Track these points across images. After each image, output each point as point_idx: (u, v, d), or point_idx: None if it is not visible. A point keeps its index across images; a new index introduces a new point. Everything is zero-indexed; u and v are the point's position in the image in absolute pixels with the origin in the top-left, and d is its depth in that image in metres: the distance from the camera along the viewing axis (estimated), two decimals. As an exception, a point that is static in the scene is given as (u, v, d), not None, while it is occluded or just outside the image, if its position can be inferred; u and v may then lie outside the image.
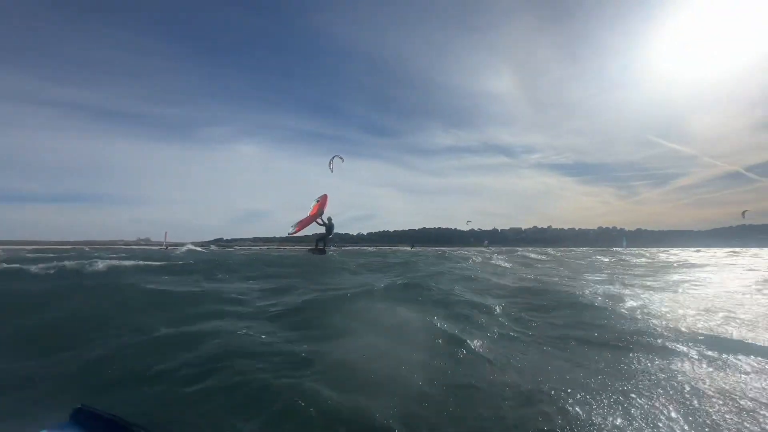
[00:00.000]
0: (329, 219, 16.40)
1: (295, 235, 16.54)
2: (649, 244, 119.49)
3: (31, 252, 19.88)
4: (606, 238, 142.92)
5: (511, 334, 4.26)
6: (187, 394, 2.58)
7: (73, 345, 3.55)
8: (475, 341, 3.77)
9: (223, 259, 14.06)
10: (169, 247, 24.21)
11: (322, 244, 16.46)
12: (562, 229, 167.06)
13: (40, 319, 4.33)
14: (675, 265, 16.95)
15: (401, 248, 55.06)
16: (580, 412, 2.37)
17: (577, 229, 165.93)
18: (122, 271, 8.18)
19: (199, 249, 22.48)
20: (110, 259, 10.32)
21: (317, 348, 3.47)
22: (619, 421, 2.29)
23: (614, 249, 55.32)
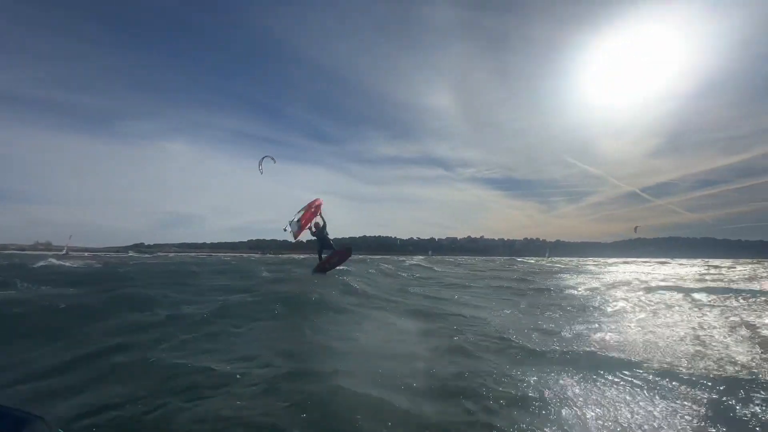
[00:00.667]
0: (318, 224, 12.48)
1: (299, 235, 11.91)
2: (566, 254, 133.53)
3: None
4: (531, 248, 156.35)
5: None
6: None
7: None
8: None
9: (135, 271, 12.75)
10: (70, 253, 21.48)
11: (334, 261, 12.22)
12: (493, 239, 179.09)
13: None
14: (555, 270, 19.46)
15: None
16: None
17: (506, 239, 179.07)
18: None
19: (64, 263, 16.02)
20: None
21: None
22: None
23: (516, 260, 60.96)
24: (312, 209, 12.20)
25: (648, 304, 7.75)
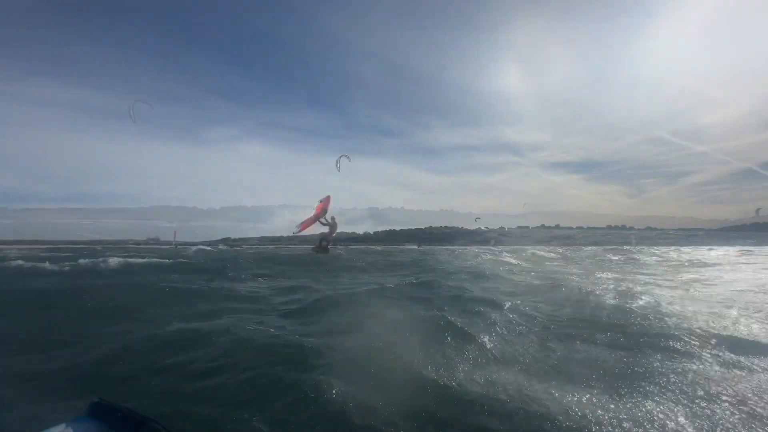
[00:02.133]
0: (332, 218, 16.87)
1: (300, 234, 17.05)
2: (659, 242, 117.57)
3: (45, 251, 20.27)
4: (615, 236, 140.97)
5: (521, 331, 4.26)
6: (198, 388, 2.64)
7: (88, 340, 3.64)
8: (484, 338, 3.78)
9: (232, 257, 14.22)
10: (179, 246, 24.46)
11: (326, 242, 16.91)
12: (570, 227, 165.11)
13: (57, 314, 4.45)
14: (686, 264, 16.69)
15: (408, 247, 54.90)
16: (589, 413, 2.38)
17: (585, 227, 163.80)
18: (134, 269, 8.35)
19: (208, 248, 22.74)
20: (122, 257, 10.50)
21: (327, 343, 3.51)
22: (627, 422, 2.30)
23: (625, 247, 54.50)
24: (318, 210, 16.31)
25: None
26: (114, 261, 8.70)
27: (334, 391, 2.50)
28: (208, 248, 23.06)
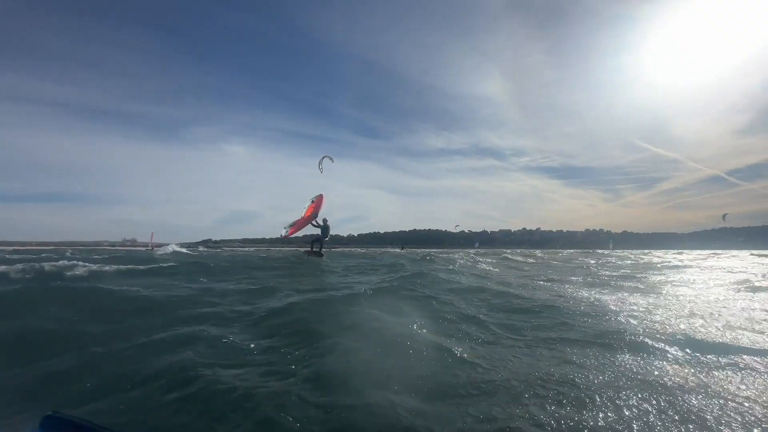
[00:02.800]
0: (324, 220, 15.51)
1: (289, 236, 15.55)
2: (634, 246, 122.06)
3: (10, 253, 19.30)
4: (593, 240, 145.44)
5: (494, 335, 4.29)
6: (166, 401, 2.53)
7: (48, 352, 3.45)
8: (459, 343, 3.77)
9: (209, 261, 13.87)
10: (155, 248, 23.75)
11: (318, 246, 15.74)
12: (551, 231, 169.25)
13: (15, 324, 4.19)
14: (658, 266, 17.36)
15: (391, 250, 55.12)
16: (563, 411, 2.39)
17: (564, 231, 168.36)
18: (102, 276, 7.99)
19: (184, 251, 22.13)
20: (91, 262, 10.07)
21: (301, 353, 3.43)
22: (599, 420, 2.32)
23: (599, 251, 56.43)
24: (309, 212, 15.40)
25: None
26: (83, 267, 8.31)
27: (310, 405, 2.44)
28: (185, 251, 22.44)
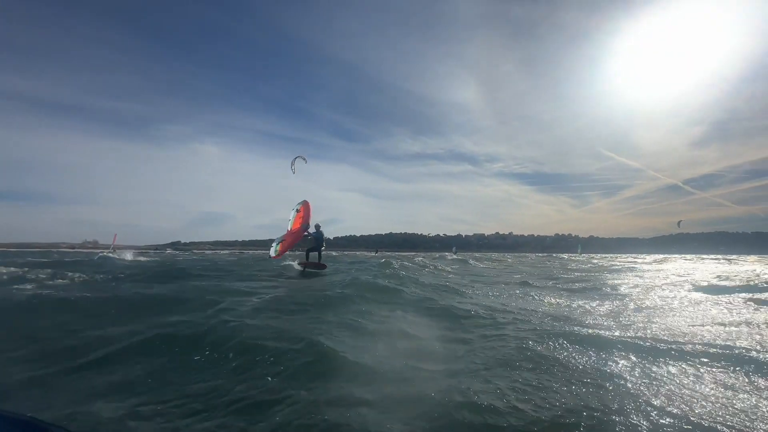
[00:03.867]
0: (317, 226, 13.48)
1: (280, 256, 13.43)
2: (600, 251, 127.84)
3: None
4: (562, 244, 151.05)
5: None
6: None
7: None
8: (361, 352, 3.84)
9: (172, 266, 13.34)
10: (117, 251, 22.62)
11: (317, 256, 13.46)
12: (522, 235, 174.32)
13: None
14: (611, 268, 18.33)
15: (366, 253, 55.11)
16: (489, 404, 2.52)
17: (535, 235, 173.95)
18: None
19: (142, 258, 20.91)
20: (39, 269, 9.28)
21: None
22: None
23: (564, 256, 58.64)
24: (298, 224, 13.80)
25: (700, 305, 7.02)
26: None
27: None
28: (148, 255, 21.42)
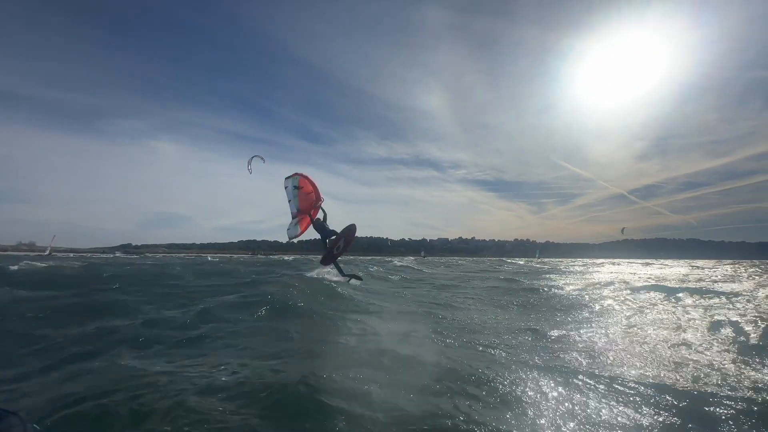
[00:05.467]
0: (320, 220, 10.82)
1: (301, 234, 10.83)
2: (556, 255, 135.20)
3: None
4: (521, 249, 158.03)
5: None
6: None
7: None
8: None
9: (114, 274, 12.47)
10: (54, 254, 20.96)
11: (339, 250, 10.47)
12: (484, 240, 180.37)
13: None
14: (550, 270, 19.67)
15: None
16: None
17: (496, 240, 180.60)
18: None
19: (42, 264, 15.81)
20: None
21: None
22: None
23: (519, 261, 61.57)
24: (309, 190, 10.70)
25: (628, 303, 7.85)
26: None
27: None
28: (101, 255, 19.82)
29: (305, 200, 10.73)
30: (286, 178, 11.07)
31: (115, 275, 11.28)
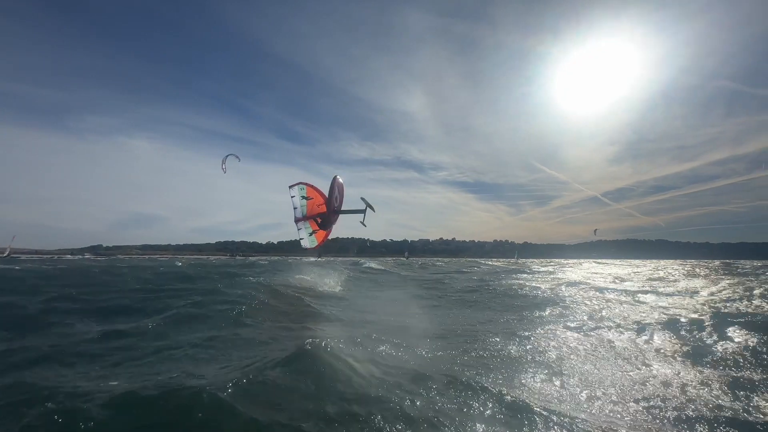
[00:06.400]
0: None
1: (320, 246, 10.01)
2: (533, 255, 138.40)
3: None
4: (500, 250, 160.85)
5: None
6: None
7: None
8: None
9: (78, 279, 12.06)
10: (12, 255, 19.98)
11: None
12: (464, 241, 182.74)
13: None
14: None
15: (312, 259, 54.15)
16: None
17: (476, 241, 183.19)
18: None
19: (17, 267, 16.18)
20: None
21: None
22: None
23: (494, 263, 62.87)
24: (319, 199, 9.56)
25: (588, 300, 8.22)
26: None
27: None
28: (69, 257, 19.01)
29: (314, 210, 9.72)
30: (290, 187, 9.74)
31: (60, 281, 10.55)
